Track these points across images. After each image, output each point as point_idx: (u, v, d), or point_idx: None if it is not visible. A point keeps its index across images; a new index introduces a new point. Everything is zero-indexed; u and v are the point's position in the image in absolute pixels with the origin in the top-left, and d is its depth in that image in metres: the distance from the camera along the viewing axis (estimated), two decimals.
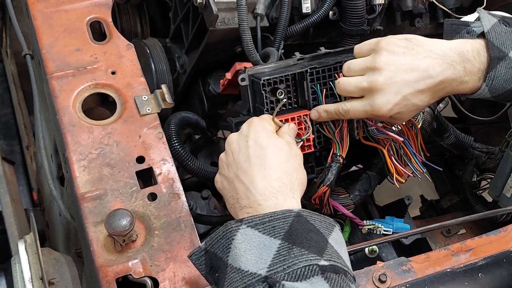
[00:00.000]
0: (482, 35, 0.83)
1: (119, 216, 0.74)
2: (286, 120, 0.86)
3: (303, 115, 0.87)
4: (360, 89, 0.80)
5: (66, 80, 0.88)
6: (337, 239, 0.69)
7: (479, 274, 0.79)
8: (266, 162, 0.73)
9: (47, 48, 0.90)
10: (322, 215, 0.70)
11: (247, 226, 0.66)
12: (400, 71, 0.77)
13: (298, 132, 0.86)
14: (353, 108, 0.81)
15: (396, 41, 0.79)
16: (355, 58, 0.84)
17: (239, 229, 0.66)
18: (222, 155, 0.81)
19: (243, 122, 0.91)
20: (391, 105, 0.78)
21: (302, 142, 0.87)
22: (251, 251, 0.64)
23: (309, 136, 0.87)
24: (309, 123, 0.87)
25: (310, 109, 0.88)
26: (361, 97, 0.81)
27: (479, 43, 0.81)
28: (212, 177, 1.11)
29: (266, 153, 0.74)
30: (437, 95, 0.80)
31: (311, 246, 0.65)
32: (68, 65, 0.89)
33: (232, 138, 0.79)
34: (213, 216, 1.27)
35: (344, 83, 0.82)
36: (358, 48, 0.84)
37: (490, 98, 0.83)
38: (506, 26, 0.83)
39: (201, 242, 0.79)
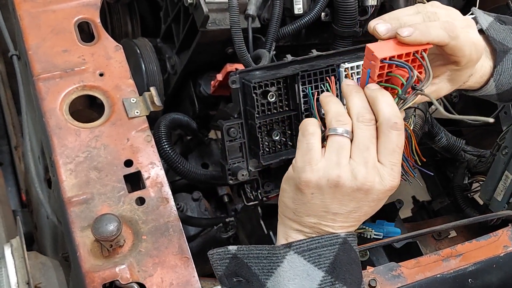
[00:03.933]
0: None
1: (106, 221, 0.73)
2: (399, 57, 0.64)
3: (421, 51, 0.64)
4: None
5: (53, 82, 0.86)
6: None
7: (469, 280, 0.79)
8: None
9: (33, 49, 0.88)
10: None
11: (295, 252, 0.65)
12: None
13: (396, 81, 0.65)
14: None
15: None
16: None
17: (286, 255, 0.65)
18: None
19: (234, 125, 0.90)
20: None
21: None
22: (295, 281, 0.64)
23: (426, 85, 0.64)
24: (427, 62, 0.64)
25: (301, 113, 0.88)
26: None
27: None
28: (202, 179, 1.11)
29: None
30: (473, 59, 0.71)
31: (352, 283, 0.65)
32: (55, 66, 0.88)
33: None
34: (204, 218, 1.27)
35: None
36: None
37: (494, 96, 0.82)
38: (502, 24, 0.82)
39: (189, 246, 0.78)
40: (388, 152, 0.64)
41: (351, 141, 0.65)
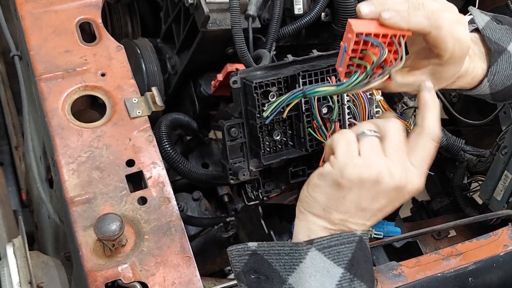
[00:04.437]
0: (475, 32, 0.82)
1: (108, 221, 0.73)
2: (376, 36, 0.64)
3: (400, 36, 0.65)
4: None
5: (55, 82, 0.86)
6: None
7: (469, 279, 0.80)
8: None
9: (35, 50, 0.89)
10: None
11: (316, 249, 0.67)
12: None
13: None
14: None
15: None
16: None
17: (308, 251, 0.67)
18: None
19: (235, 125, 0.90)
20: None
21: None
22: (316, 277, 0.66)
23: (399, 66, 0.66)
24: (403, 47, 0.66)
25: (301, 113, 0.88)
26: None
27: (474, 36, 0.79)
28: (203, 179, 1.12)
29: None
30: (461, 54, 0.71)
31: (368, 280, 0.67)
32: (57, 67, 0.88)
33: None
34: (204, 218, 1.27)
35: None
36: None
37: (488, 96, 0.82)
38: (498, 24, 0.82)
39: (191, 245, 0.79)
40: (422, 158, 0.67)
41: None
